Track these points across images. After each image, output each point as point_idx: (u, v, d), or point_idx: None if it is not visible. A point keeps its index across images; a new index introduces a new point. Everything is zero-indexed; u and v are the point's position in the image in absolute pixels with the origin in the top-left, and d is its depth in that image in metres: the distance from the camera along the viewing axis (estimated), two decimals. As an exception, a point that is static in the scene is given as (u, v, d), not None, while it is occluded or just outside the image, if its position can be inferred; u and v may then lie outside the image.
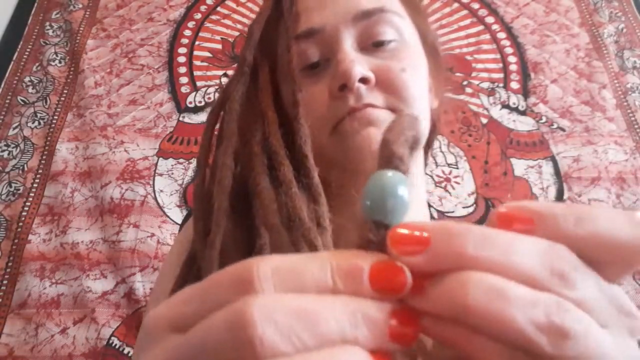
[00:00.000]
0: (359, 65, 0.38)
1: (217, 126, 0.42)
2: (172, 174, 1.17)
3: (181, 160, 1.19)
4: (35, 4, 1.48)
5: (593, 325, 0.17)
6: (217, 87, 1.30)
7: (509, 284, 0.16)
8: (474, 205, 1.14)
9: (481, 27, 1.45)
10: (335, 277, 0.17)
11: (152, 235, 1.07)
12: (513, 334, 0.16)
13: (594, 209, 0.18)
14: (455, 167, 1.20)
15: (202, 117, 1.26)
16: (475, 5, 1.49)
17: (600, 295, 0.17)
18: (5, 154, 1.20)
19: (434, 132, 0.50)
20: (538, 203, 0.18)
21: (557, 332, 0.16)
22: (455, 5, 1.49)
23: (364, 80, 0.38)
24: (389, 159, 0.18)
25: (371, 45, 0.41)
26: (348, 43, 0.40)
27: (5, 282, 1.02)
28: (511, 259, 0.16)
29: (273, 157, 0.36)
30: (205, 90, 1.32)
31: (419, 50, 0.44)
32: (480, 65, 1.38)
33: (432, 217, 0.57)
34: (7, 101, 1.29)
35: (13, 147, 1.21)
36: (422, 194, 0.49)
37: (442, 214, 1.12)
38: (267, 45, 0.42)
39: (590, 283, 0.17)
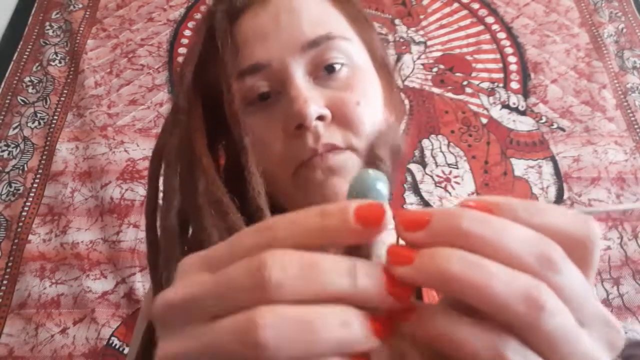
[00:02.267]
0: (315, 104, 0.37)
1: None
2: (172, 174, 1.17)
3: (181, 160, 1.19)
4: (35, 4, 1.48)
5: (567, 312, 0.18)
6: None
7: (490, 261, 0.18)
8: (474, 205, 1.14)
9: (481, 27, 1.45)
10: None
11: (152, 235, 1.07)
12: (491, 301, 0.17)
13: (547, 204, 0.20)
14: (455, 167, 1.20)
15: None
16: (475, 5, 1.49)
17: (583, 292, 0.19)
18: (5, 154, 1.20)
19: None
20: (497, 197, 0.20)
21: (534, 303, 0.17)
22: (455, 5, 1.49)
23: (320, 117, 0.37)
24: (372, 159, 0.22)
25: (322, 71, 0.39)
26: (299, 76, 0.38)
27: (5, 282, 1.02)
28: (502, 239, 0.18)
29: (216, 207, 0.34)
30: (205, 90, 1.32)
31: (370, 72, 0.43)
32: (480, 65, 1.38)
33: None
34: (7, 101, 1.29)
35: (13, 147, 1.21)
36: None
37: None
38: (200, 82, 0.40)
39: (576, 276, 0.19)
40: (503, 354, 0.18)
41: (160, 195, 0.40)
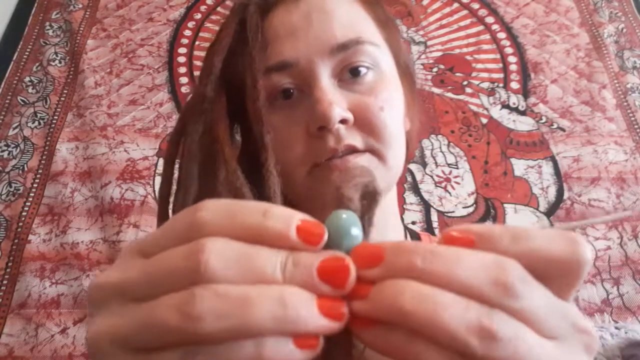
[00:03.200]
0: (339, 107, 0.37)
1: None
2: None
3: (181, 160, 1.19)
4: (35, 4, 1.48)
5: (525, 330, 0.18)
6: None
7: (441, 291, 0.18)
8: (474, 205, 1.14)
9: (481, 27, 1.45)
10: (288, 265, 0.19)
11: (152, 235, 1.07)
12: (444, 334, 0.18)
13: (531, 229, 0.20)
14: (455, 167, 1.20)
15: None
16: (475, 5, 1.49)
17: (548, 308, 0.19)
18: (5, 154, 1.20)
19: (408, 149, 0.47)
20: (480, 225, 0.20)
21: (486, 333, 0.17)
22: (455, 5, 1.49)
23: (343, 121, 0.37)
24: (340, 201, 0.22)
25: (347, 75, 0.39)
26: (325, 78, 0.38)
27: (5, 282, 1.02)
28: (455, 271, 0.18)
29: (234, 197, 0.34)
30: (205, 90, 1.32)
31: (394, 79, 0.43)
32: (480, 65, 1.38)
33: (413, 233, 0.55)
34: (7, 101, 1.29)
35: (13, 147, 1.21)
36: (394, 217, 0.48)
37: (442, 214, 1.12)
38: (226, 74, 0.40)
39: (538, 294, 0.19)
40: None
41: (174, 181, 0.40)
